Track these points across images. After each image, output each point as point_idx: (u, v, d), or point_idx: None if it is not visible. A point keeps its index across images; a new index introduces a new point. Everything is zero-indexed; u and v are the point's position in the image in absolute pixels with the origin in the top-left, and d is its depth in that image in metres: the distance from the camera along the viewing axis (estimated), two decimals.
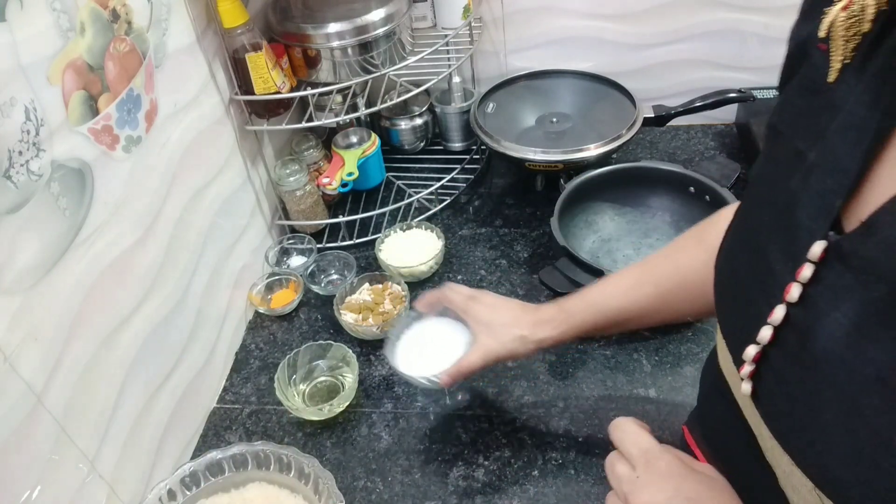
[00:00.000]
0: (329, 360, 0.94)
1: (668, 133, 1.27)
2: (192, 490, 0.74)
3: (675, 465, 0.47)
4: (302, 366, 0.93)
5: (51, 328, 0.64)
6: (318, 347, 0.93)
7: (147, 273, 0.79)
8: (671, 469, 0.47)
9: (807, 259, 0.36)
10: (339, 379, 0.93)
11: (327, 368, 0.94)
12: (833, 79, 0.38)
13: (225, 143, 0.98)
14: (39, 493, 0.62)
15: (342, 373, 0.93)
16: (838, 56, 0.37)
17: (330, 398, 0.88)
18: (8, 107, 0.58)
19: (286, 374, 0.90)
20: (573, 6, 1.19)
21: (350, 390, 0.87)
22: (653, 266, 0.69)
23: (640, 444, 0.49)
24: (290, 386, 0.91)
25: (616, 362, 0.90)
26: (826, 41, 0.38)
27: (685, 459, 0.48)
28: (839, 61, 0.37)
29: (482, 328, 0.73)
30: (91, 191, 0.69)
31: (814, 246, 0.35)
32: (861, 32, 0.36)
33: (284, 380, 0.90)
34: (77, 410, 0.67)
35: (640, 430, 0.50)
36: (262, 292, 1.05)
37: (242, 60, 0.94)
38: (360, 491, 0.80)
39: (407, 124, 1.27)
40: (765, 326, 0.38)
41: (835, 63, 0.38)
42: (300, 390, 0.93)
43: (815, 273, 0.36)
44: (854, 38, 0.37)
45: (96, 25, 0.69)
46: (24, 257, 0.60)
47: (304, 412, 0.87)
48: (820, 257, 0.35)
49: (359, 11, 1.02)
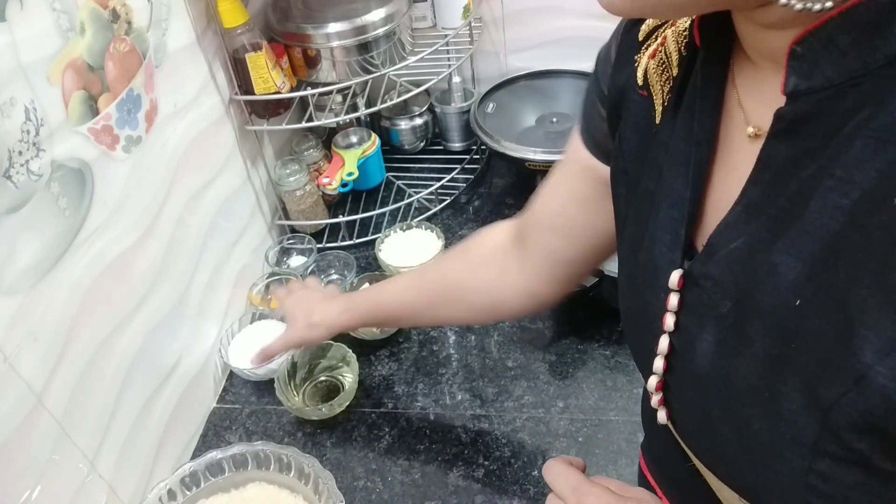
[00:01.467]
0: (329, 360, 0.94)
1: None
2: (192, 490, 0.74)
3: (604, 497, 0.48)
4: (302, 366, 0.93)
5: (51, 328, 0.64)
6: (318, 348, 0.93)
7: (147, 273, 0.79)
8: (600, 502, 0.48)
9: (670, 288, 0.38)
10: (339, 379, 0.93)
11: (327, 368, 0.94)
12: (658, 121, 0.41)
13: (225, 143, 0.98)
14: (39, 493, 0.62)
15: (342, 373, 0.93)
16: (659, 100, 0.41)
17: (330, 398, 0.88)
18: (8, 107, 0.58)
19: (286, 374, 0.91)
20: (573, 6, 1.19)
21: (350, 390, 0.87)
22: (424, 272, 0.76)
23: (570, 483, 0.50)
24: (290, 386, 0.91)
25: (616, 362, 0.90)
26: (645, 87, 0.42)
27: (616, 489, 0.49)
28: (660, 104, 0.41)
29: (288, 319, 0.84)
30: (91, 191, 0.69)
31: (672, 275, 0.38)
32: (672, 76, 0.40)
33: (284, 380, 0.90)
34: (77, 410, 0.67)
35: (568, 469, 0.52)
36: (262, 292, 1.05)
37: (242, 60, 0.94)
38: (360, 491, 0.80)
39: (407, 124, 1.27)
40: (657, 357, 0.41)
41: (658, 106, 0.41)
42: (300, 390, 0.93)
43: (681, 300, 0.38)
44: (667, 82, 0.40)
45: (96, 25, 0.69)
46: (24, 257, 0.60)
47: (305, 412, 0.87)
48: (679, 284, 0.38)
49: (359, 11, 1.02)
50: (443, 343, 0.97)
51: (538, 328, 0.96)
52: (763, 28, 0.32)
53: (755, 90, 0.35)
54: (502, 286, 0.66)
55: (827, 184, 0.29)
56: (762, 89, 0.35)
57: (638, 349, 0.47)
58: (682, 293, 0.38)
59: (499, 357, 0.93)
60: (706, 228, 0.38)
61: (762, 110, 0.34)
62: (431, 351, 0.96)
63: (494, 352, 0.94)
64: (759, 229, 0.33)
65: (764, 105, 0.34)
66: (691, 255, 0.38)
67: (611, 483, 0.50)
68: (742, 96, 0.36)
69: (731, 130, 0.37)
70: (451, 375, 0.92)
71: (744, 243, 0.34)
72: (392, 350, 0.96)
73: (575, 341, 0.93)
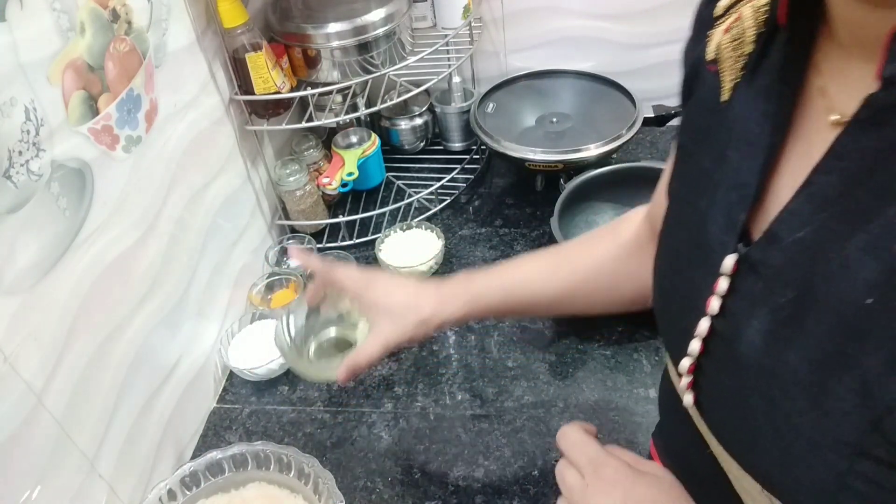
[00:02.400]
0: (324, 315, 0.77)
1: (668, 133, 1.27)
2: (192, 490, 0.74)
3: (621, 470, 0.48)
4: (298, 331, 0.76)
5: (51, 328, 0.64)
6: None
7: (147, 273, 0.79)
8: (618, 475, 0.48)
9: (720, 272, 0.37)
10: (347, 334, 0.77)
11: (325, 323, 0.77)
12: (726, 98, 0.39)
13: (225, 143, 0.98)
14: (39, 493, 0.62)
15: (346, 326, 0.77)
16: (728, 76, 0.40)
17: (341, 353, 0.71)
18: (8, 107, 0.58)
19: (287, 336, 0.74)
20: (573, 6, 1.19)
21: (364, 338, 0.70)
22: (569, 253, 0.67)
23: (587, 453, 0.50)
24: (294, 348, 0.75)
25: (616, 362, 0.90)
26: (715, 63, 0.40)
27: (632, 462, 0.49)
28: (730, 81, 0.39)
29: (380, 314, 0.66)
30: (91, 191, 0.69)
31: (726, 259, 0.37)
32: (746, 53, 0.38)
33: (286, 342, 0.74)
34: (77, 410, 0.67)
35: (586, 437, 0.51)
36: (262, 292, 1.05)
37: (242, 60, 0.94)
38: (360, 491, 0.80)
39: (407, 124, 1.27)
40: (693, 339, 0.40)
41: (726, 83, 0.40)
42: (306, 350, 0.76)
43: (731, 285, 0.38)
44: (741, 58, 0.39)
45: (96, 25, 0.69)
46: (24, 257, 0.60)
47: (321, 371, 0.71)
48: (732, 269, 0.37)
49: (359, 11, 1.02)
50: (443, 343, 0.97)
51: (538, 328, 0.96)
52: (867, 7, 0.30)
53: (842, 76, 0.34)
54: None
55: None
56: (849, 75, 0.33)
57: (670, 329, 0.46)
58: (732, 278, 0.37)
59: (499, 357, 0.93)
60: (764, 214, 0.37)
61: (846, 98, 0.33)
62: (431, 351, 0.96)
63: (494, 352, 0.94)
64: (830, 221, 0.32)
65: (849, 92, 0.33)
66: (745, 240, 0.37)
67: (625, 454, 0.49)
68: (826, 81, 0.35)
69: (808, 116, 0.36)
70: (451, 375, 0.92)
71: (812, 234, 0.33)
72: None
73: (575, 341, 0.93)
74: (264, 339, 0.97)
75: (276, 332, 0.72)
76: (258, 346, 0.95)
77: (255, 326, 0.99)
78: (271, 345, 0.94)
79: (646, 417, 0.83)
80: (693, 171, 0.43)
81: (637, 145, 1.25)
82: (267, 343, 0.95)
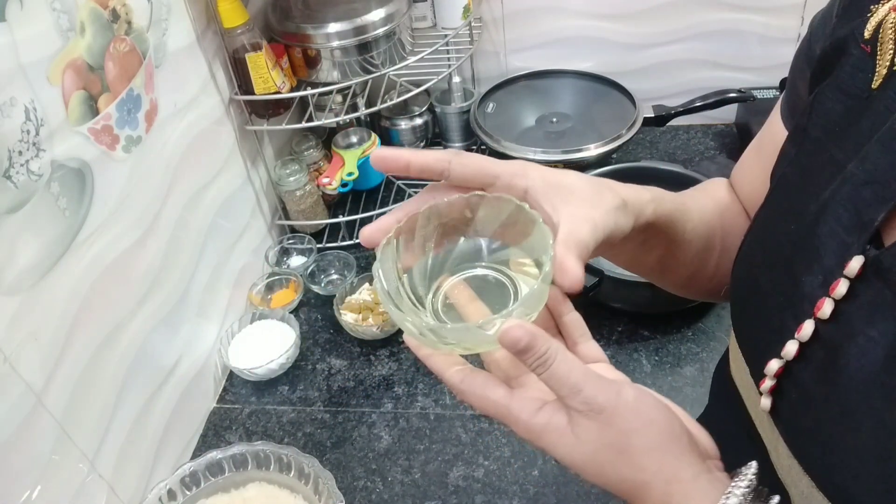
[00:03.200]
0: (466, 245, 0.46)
1: (668, 133, 1.27)
2: (192, 490, 0.74)
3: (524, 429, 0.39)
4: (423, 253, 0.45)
5: (51, 328, 0.64)
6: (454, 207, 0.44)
7: (147, 273, 0.79)
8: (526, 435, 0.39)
9: (843, 274, 0.34)
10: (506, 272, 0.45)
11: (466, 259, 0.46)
12: (878, 84, 0.36)
13: (225, 143, 0.98)
14: (39, 493, 0.62)
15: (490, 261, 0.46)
16: (885, 60, 0.35)
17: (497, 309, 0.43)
18: (8, 107, 0.58)
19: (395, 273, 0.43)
20: (573, 6, 1.19)
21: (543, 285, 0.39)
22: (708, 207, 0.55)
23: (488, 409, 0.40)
24: (405, 295, 0.43)
25: (616, 362, 0.90)
26: (871, 43, 0.36)
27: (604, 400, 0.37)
28: (885, 66, 0.35)
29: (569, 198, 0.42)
30: (91, 191, 0.69)
31: (852, 261, 0.33)
32: None
33: (396, 283, 0.43)
34: (77, 410, 0.67)
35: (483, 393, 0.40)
36: (262, 292, 1.05)
37: (242, 60, 0.94)
38: (360, 491, 0.80)
39: (407, 124, 1.27)
40: (790, 341, 0.36)
41: (881, 68, 0.35)
42: (430, 301, 0.45)
43: (850, 289, 0.34)
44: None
45: (96, 25, 0.69)
46: (24, 257, 0.60)
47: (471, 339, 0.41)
48: (858, 272, 0.33)
49: (359, 11, 1.02)
50: None
51: None
52: None
53: None
54: None
55: None
56: None
57: (758, 325, 0.41)
58: (853, 282, 0.34)
59: None
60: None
61: None
62: None
63: None
64: None
65: None
66: (875, 244, 0.33)
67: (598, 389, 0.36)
68: None
69: None
70: None
71: None
72: (392, 350, 0.96)
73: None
74: (264, 339, 0.97)
75: (380, 292, 0.41)
76: (258, 346, 0.95)
77: (255, 326, 0.99)
78: (271, 345, 0.95)
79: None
80: (818, 160, 0.39)
81: (637, 145, 1.25)
82: (267, 343, 0.95)
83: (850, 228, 0.34)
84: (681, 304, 0.93)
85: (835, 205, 0.35)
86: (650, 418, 0.37)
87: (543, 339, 0.36)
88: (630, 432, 0.37)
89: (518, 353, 0.36)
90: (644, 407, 0.37)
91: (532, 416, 0.38)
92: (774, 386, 0.39)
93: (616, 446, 0.37)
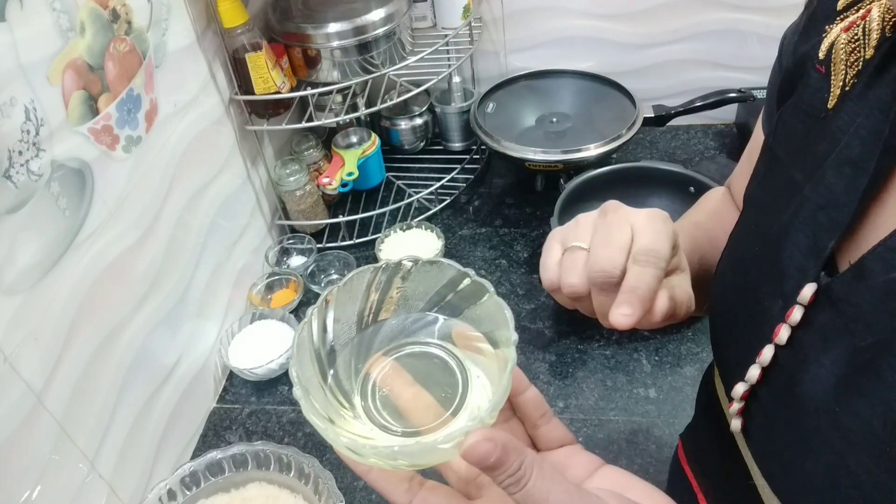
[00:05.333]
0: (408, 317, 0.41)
1: (668, 133, 1.27)
2: (192, 490, 0.74)
3: None
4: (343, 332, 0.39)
5: (51, 328, 0.64)
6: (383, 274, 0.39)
7: (147, 273, 0.79)
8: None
9: (797, 301, 0.34)
10: (447, 347, 0.38)
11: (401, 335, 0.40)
12: (832, 105, 0.35)
13: (225, 143, 0.98)
14: (39, 493, 0.62)
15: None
16: (838, 81, 0.35)
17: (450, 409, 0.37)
18: (8, 107, 0.58)
19: (314, 363, 0.37)
20: (573, 6, 1.19)
21: (509, 376, 0.33)
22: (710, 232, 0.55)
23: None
24: (327, 390, 0.37)
25: (616, 362, 0.90)
26: (825, 63, 0.36)
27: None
28: (839, 87, 0.35)
29: (632, 218, 0.42)
30: (91, 191, 0.69)
31: (804, 288, 0.33)
32: (863, 59, 0.34)
33: (314, 377, 0.36)
34: (77, 410, 0.67)
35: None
36: (262, 292, 1.05)
37: (242, 60, 0.94)
38: (360, 491, 0.80)
39: (407, 124, 1.27)
40: (753, 366, 0.36)
41: (835, 88, 0.35)
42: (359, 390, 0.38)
43: (805, 316, 0.34)
44: (856, 63, 0.34)
45: (96, 25, 0.69)
46: (24, 257, 0.60)
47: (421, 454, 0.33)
48: (810, 300, 0.33)
49: (359, 11, 1.02)
50: None
51: (538, 328, 0.96)
52: None
53: None
54: None
55: None
56: None
57: (728, 347, 0.41)
58: (807, 309, 0.33)
59: None
60: (855, 245, 0.32)
61: None
62: None
63: None
64: None
65: None
66: (828, 270, 0.33)
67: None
68: None
69: None
70: None
71: None
72: None
73: (575, 341, 0.93)
74: (264, 339, 0.97)
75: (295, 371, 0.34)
76: (258, 346, 0.95)
77: (255, 326, 0.99)
78: (271, 345, 0.95)
79: (646, 417, 0.83)
80: (780, 180, 0.38)
81: (637, 145, 1.25)
82: (267, 343, 0.95)
83: (807, 253, 0.34)
84: None
85: (794, 229, 0.35)
86: None
87: (516, 453, 0.30)
88: None
89: (486, 469, 0.30)
90: None
91: None
92: (743, 408, 0.39)
93: None
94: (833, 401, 0.31)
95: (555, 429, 0.38)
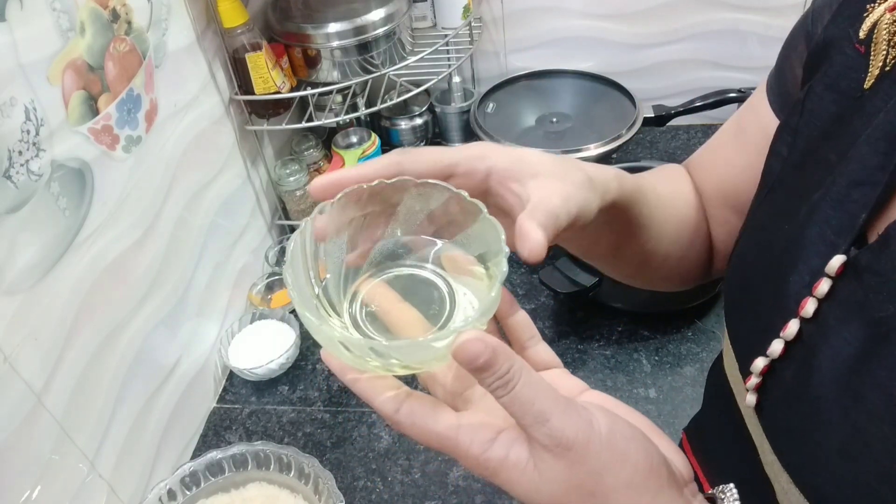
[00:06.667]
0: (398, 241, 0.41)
1: (668, 133, 1.27)
2: (192, 490, 0.74)
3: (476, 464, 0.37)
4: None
5: (51, 328, 0.64)
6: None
7: (147, 273, 0.79)
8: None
9: (825, 273, 0.33)
10: (437, 271, 0.39)
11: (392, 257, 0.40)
12: (870, 85, 0.36)
13: (225, 143, 0.98)
14: (39, 493, 0.62)
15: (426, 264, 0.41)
16: (878, 61, 0.35)
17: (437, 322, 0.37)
18: (8, 107, 0.58)
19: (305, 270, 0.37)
20: (573, 6, 1.19)
21: (500, 286, 0.34)
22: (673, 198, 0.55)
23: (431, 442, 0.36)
24: (317, 302, 0.37)
25: (616, 362, 0.90)
26: (865, 43, 0.36)
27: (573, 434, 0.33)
28: (878, 67, 0.35)
29: (534, 175, 0.40)
30: (91, 191, 0.69)
31: (833, 259, 0.33)
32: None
33: (305, 287, 0.36)
34: (77, 410, 0.67)
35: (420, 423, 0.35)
36: (262, 292, 1.05)
37: (242, 60, 0.94)
38: (360, 491, 0.80)
39: (407, 124, 1.27)
40: (776, 340, 0.36)
41: (874, 69, 0.35)
42: (347, 309, 0.38)
43: (832, 288, 0.33)
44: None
45: (96, 25, 0.69)
46: (24, 257, 0.60)
47: (405, 353, 0.34)
48: (837, 272, 0.33)
49: (359, 11, 1.02)
50: None
51: (538, 328, 0.95)
52: None
53: None
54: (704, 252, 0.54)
55: None
56: None
57: (748, 323, 0.41)
58: (834, 281, 0.33)
59: None
60: (887, 218, 0.33)
61: None
62: None
63: None
64: None
65: None
66: (859, 245, 0.33)
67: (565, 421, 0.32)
68: None
69: None
70: None
71: None
72: None
73: (575, 341, 0.93)
74: (264, 339, 0.97)
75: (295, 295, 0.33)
76: (258, 346, 0.95)
77: (255, 326, 0.99)
78: (271, 345, 0.95)
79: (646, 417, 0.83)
80: (811, 160, 0.38)
81: (637, 145, 1.25)
82: (267, 343, 0.95)
83: (838, 229, 0.34)
84: (681, 303, 0.93)
85: (825, 206, 0.35)
86: (624, 453, 0.33)
87: (505, 356, 0.31)
88: (602, 471, 0.32)
89: (475, 370, 0.31)
90: (618, 439, 0.33)
91: (485, 449, 0.34)
92: (760, 383, 0.38)
93: (586, 487, 0.33)
94: (852, 373, 0.31)
95: (543, 351, 0.40)
